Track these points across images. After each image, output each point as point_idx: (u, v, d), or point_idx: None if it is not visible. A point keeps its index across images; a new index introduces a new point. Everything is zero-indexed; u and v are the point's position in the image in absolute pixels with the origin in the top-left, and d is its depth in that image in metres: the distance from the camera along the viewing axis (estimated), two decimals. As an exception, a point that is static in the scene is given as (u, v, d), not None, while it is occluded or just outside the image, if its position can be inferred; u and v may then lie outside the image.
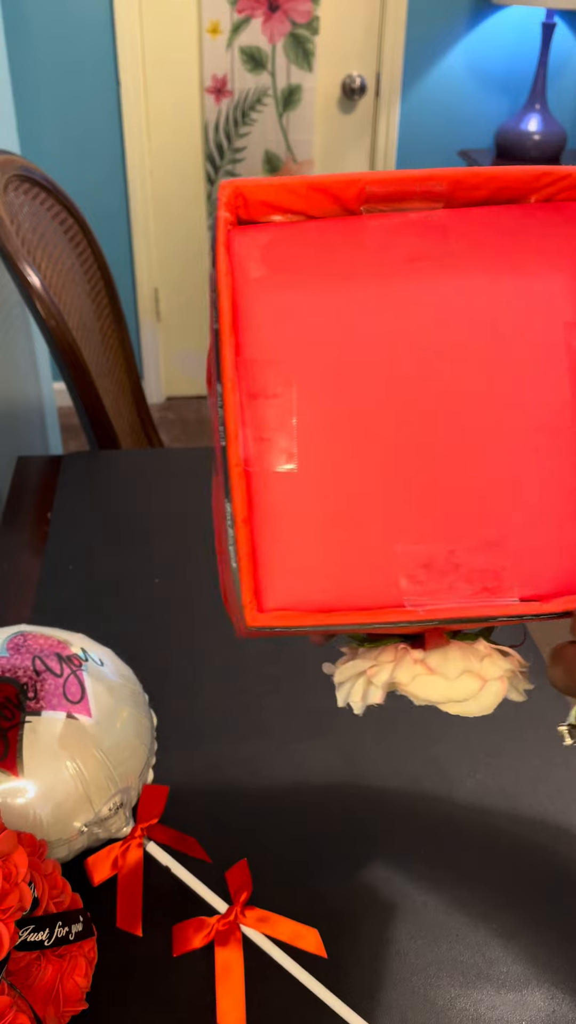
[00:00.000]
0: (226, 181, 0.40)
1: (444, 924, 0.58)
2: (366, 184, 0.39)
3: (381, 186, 0.40)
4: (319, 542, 0.39)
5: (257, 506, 0.39)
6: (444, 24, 2.46)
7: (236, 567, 0.37)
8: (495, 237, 0.40)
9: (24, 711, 0.56)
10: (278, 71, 2.46)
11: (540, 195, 0.41)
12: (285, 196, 0.40)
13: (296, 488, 0.39)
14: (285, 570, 0.38)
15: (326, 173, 0.40)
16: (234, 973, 0.53)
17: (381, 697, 0.41)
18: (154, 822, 0.59)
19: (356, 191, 0.40)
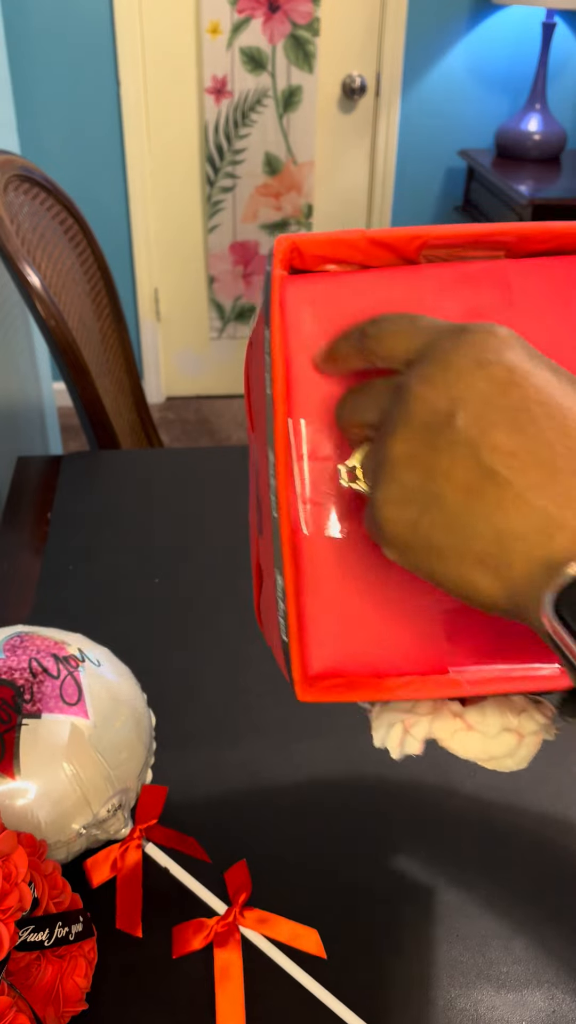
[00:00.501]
0: (282, 236, 0.38)
1: (444, 924, 0.58)
2: (429, 239, 0.38)
3: (443, 240, 0.38)
4: (365, 605, 0.39)
5: (304, 571, 0.38)
6: (444, 24, 2.46)
7: (287, 641, 0.37)
8: (558, 291, 0.39)
9: (21, 713, 0.56)
10: (278, 72, 2.46)
11: None
12: (344, 250, 0.39)
13: (343, 552, 0.38)
14: (332, 635, 0.38)
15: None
16: (234, 974, 0.53)
17: (419, 749, 0.41)
18: (153, 823, 0.59)
19: (417, 245, 0.38)
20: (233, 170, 2.58)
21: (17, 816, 0.54)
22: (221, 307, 2.79)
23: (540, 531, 0.27)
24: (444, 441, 0.29)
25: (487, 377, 0.29)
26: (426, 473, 0.30)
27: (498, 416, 0.28)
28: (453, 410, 0.29)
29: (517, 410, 0.28)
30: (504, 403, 0.28)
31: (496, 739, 0.41)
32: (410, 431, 0.30)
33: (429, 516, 0.30)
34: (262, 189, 2.62)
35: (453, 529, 0.29)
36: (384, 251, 0.39)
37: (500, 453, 0.28)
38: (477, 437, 0.29)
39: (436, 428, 0.30)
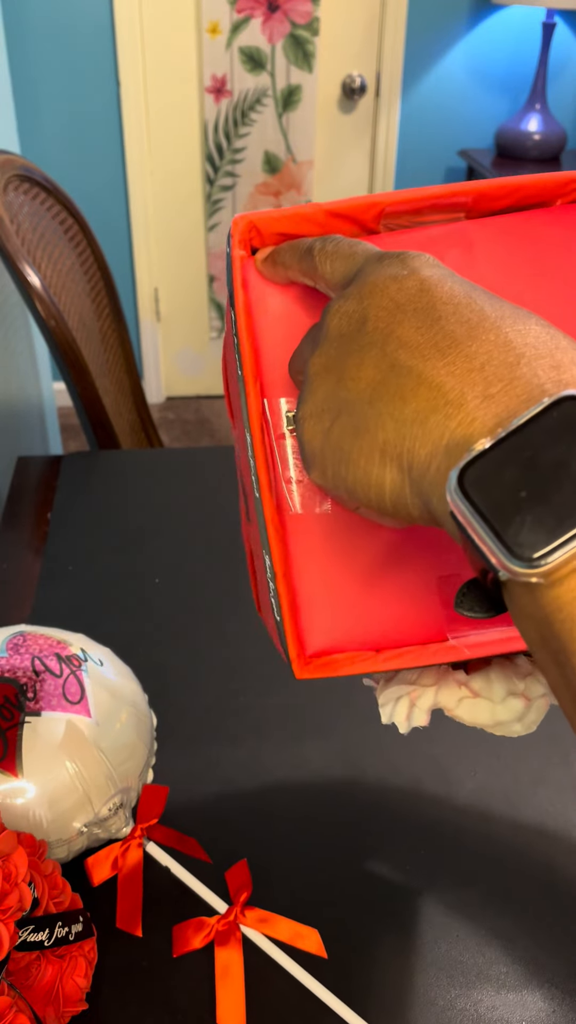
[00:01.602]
0: (239, 216, 0.38)
1: (444, 924, 0.58)
2: (386, 206, 0.38)
3: (402, 206, 0.38)
4: (358, 580, 0.38)
5: (293, 550, 0.38)
6: (444, 24, 2.46)
7: (280, 620, 0.37)
8: (521, 247, 0.39)
9: (23, 711, 0.56)
10: (278, 71, 2.46)
11: (567, 199, 0.40)
12: (303, 225, 0.38)
13: (332, 527, 0.38)
14: (327, 612, 0.38)
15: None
16: (234, 973, 0.53)
17: (426, 720, 0.41)
18: (154, 822, 0.59)
19: (376, 212, 0.38)
20: (233, 169, 2.58)
21: (19, 814, 0.54)
22: (221, 307, 2.79)
23: (439, 411, 0.26)
24: (355, 345, 0.30)
25: (399, 288, 0.29)
26: (338, 379, 0.30)
27: (406, 316, 0.29)
28: (364, 316, 0.30)
29: (426, 310, 0.28)
30: (413, 307, 0.29)
31: (503, 704, 0.40)
32: (327, 344, 0.31)
33: (339, 422, 0.30)
34: (262, 188, 2.62)
35: (359, 429, 0.29)
36: (344, 222, 0.38)
37: (405, 346, 0.28)
38: (385, 336, 0.29)
39: (348, 336, 0.30)
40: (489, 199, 0.39)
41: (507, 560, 0.24)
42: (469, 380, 0.26)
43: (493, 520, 0.24)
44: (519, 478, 0.24)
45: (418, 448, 0.27)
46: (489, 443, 0.24)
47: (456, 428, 0.26)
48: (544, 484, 0.24)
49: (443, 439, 0.26)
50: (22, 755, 0.55)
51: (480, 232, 0.39)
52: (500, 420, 0.25)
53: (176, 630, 0.82)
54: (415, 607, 0.38)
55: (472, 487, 0.24)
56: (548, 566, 0.23)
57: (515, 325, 0.27)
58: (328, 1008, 0.52)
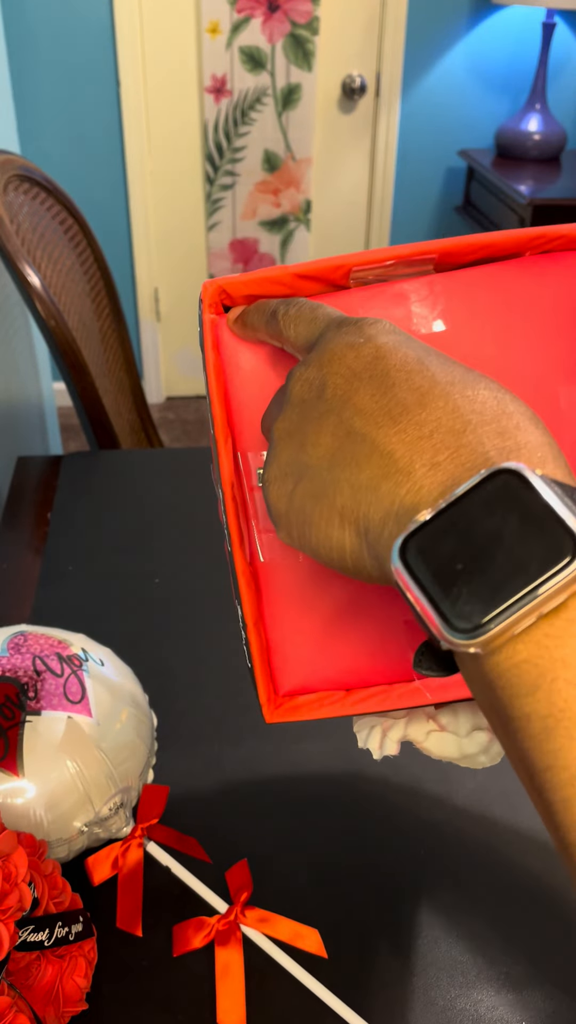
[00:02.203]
0: (208, 281, 0.39)
1: (444, 924, 0.58)
2: (353, 266, 0.38)
3: (368, 266, 0.38)
4: (327, 624, 0.39)
5: (265, 598, 0.39)
6: (444, 24, 2.46)
7: (251, 667, 0.38)
8: (488, 298, 0.39)
9: (24, 711, 0.56)
10: (278, 71, 2.46)
11: (535, 251, 0.40)
12: (271, 287, 0.39)
13: (302, 575, 0.39)
14: (297, 655, 0.39)
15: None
16: (234, 973, 0.53)
17: (397, 750, 0.42)
18: (154, 822, 0.59)
19: (343, 272, 0.39)
20: (233, 168, 2.58)
21: (19, 813, 0.54)
22: (221, 307, 2.79)
23: (390, 478, 0.27)
24: (315, 412, 0.31)
25: (356, 355, 0.30)
26: (299, 445, 0.31)
27: (362, 384, 0.29)
28: (323, 383, 0.31)
29: (381, 377, 0.29)
30: (369, 374, 0.30)
31: (469, 738, 0.42)
32: (289, 409, 0.32)
33: (301, 486, 0.31)
34: (261, 186, 2.62)
35: (319, 494, 0.30)
36: (312, 283, 0.39)
37: (361, 413, 0.29)
38: (342, 403, 0.30)
39: (309, 402, 0.31)
40: (457, 256, 0.39)
41: (445, 631, 0.24)
42: (418, 448, 0.27)
43: (432, 591, 0.25)
44: (457, 549, 0.24)
45: (372, 513, 0.28)
46: (430, 514, 0.25)
47: (405, 496, 0.27)
48: (480, 556, 0.24)
49: (394, 506, 0.27)
50: (23, 754, 0.55)
51: (448, 285, 0.39)
52: (444, 489, 0.26)
53: (176, 630, 0.82)
54: (382, 649, 0.39)
55: (413, 557, 0.25)
56: (483, 637, 0.24)
57: (464, 391, 0.28)
58: (328, 1008, 0.52)
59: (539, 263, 0.40)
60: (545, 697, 0.23)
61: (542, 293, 0.39)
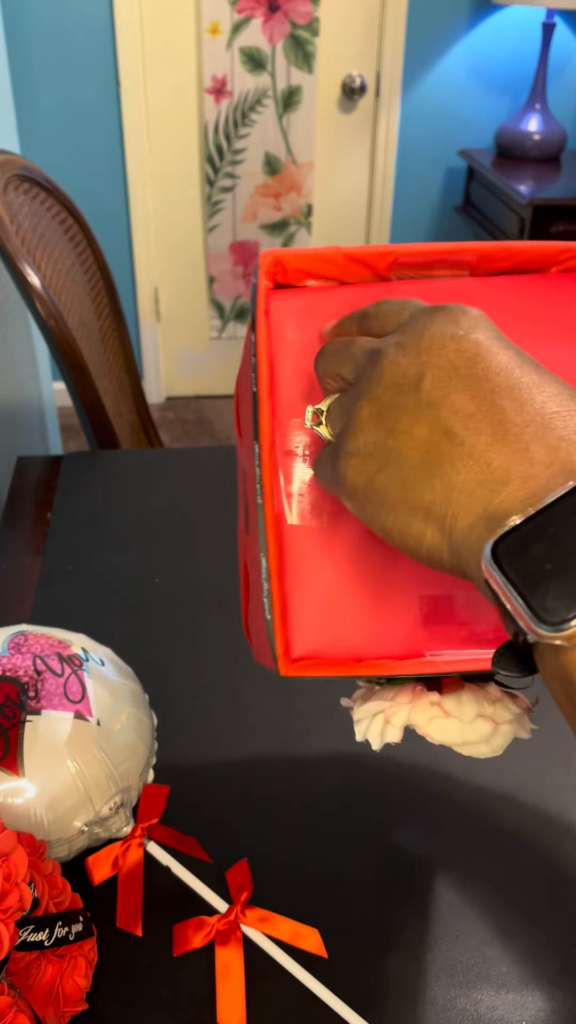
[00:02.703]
0: (267, 251, 0.42)
1: (444, 924, 0.58)
2: (399, 256, 0.42)
3: (413, 257, 0.42)
4: (346, 592, 0.40)
5: (288, 559, 0.40)
6: (444, 24, 2.46)
7: (270, 619, 0.40)
8: (518, 305, 0.42)
9: (25, 710, 0.56)
10: (278, 72, 2.46)
11: (561, 267, 0.44)
12: (322, 265, 0.42)
13: (325, 542, 0.40)
14: (313, 620, 0.40)
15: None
16: (234, 973, 0.53)
17: (399, 736, 0.43)
18: (154, 822, 0.59)
19: (389, 261, 0.42)
20: (233, 170, 2.58)
21: (20, 812, 0.54)
22: (221, 307, 2.79)
23: (485, 486, 0.29)
24: (410, 402, 0.32)
25: (456, 349, 0.31)
26: (389, 431, 0.32)
27: (461, 383, 0.31)
28: (422, 374, 0.32)
29: (480, 379, 0.31)
30: (468, 372, 0.31)
31: (471, 725, 0.43)
32: (380, 390, 0.33)
33: (387, 471, 0.32)
34: (262, 189, 2.62)
35: (407, 484, 0.31)
36: (359, 266, 0.42)
37: (459, 414, 0.30)
38: (440, 399, 0.31)
39: (404, 390, 0.32)
40: (492, 260, 0.43)
41: (534, 624, 0.27)
42: (515, 461, 0.29)
43: (523, 588, 0.27)
44: (545, 551, 0.27)
45: (462, 516, 0.30)
46: (520, 519, 0.27)
47: (498, 504, 0.29)
48: (567, 557, 0.27)
49: (485, 512, 0.29)
50: (23, 754, 0.55)
51: (481, 288, 0.43)
52: (534, 496, 0.28)
53: (176, 630, 0.82)
54: (397, 622, 0.40)
55: (504, 558, 0.27)
56: (570, 630, 0.26)
57: (561, 403, 0.30)
58: (328, 1008, 0.52)
59: (562, 280, 0.44)
60: None
61: (564, 311, 0.43)
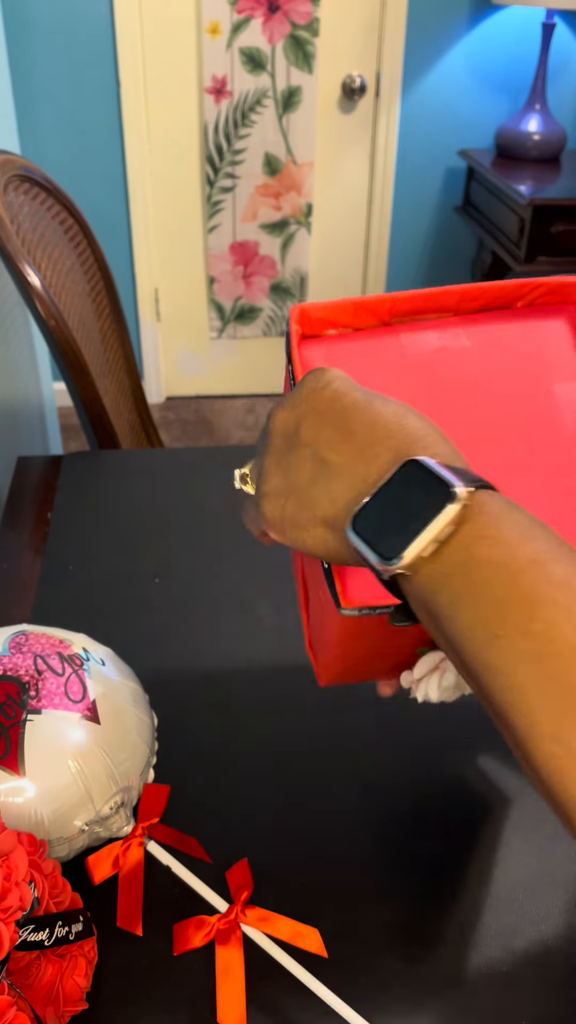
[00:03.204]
0: (295, 305, 0.53)
1: (444, 924, 0.58)
2: (395, 302, 0.53)
3: (406, 303, 0.53)
4: None
5: None
6: (444, 24, 2.46)
7: (328, 567, 0.48)
8: (492, 331, 0.54)
9: (26, 709, 0.56)
10: (278, 72, 2.46)
11: (524, 301, 0.55)
12: (338, 314, 0.53)
13: None
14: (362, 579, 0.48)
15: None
16: (234, 972, 0.53)
17: (455, 681, 0.51)
18: (155, 821, 0.59)
19: (388, 307, 0.53)
20: (233, 170, 2.58)
21: (21, 811, 0.54)
22: (221, 307, 2.79)
23: (351, 488, 0.39)
24: (294, 444, 0.42)
25: (319, 398, 0.42)
26: (285, 471, 0.42)
27: (326, 421, 0.41)
28: (299, 421, 0.42)
29: (338, 415, 0.41)
30: (330, 412, 0.41)
31: None
32: (274, 442, 0.43)
33: (291, 500, 0.42)
34: (262, 189, 2.62)
35: (304, 505, 0.41)
36: (367, 313, 0.54)
37: (327, 444, 0.41)
38: (313, 437, 0.41)
39: (288, 436, 0.43)
40: (468, 300, 0.54)
41: (380, 562, 0.36)
42: (367, 464, 0.39)
43: (372, 542, 0.37)
44: (384, 514, 0.37)
45: (340, 515, 0.40)
46: (367, 499, 0.38)
47: (356, 496, 0.39)
48: (398, 514, 0.37)
49: (349, 505, 0.39)
50: (24, 753, 0.55)
51: (465, 322, 0.54)
52: (376, 483, 0.38)
53: (176, 630, 0.82)
54: None
55: (360, 528, 0.38)
56: (405, 560, 0.36)
57: (394, 418, 0.40)
58: (328, 1007, 0.52)
59: (527, 312, 0.55)
60: (451, 589, 0.35)
61: (527, 345, 0.54)
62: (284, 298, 2.80)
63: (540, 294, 0.55)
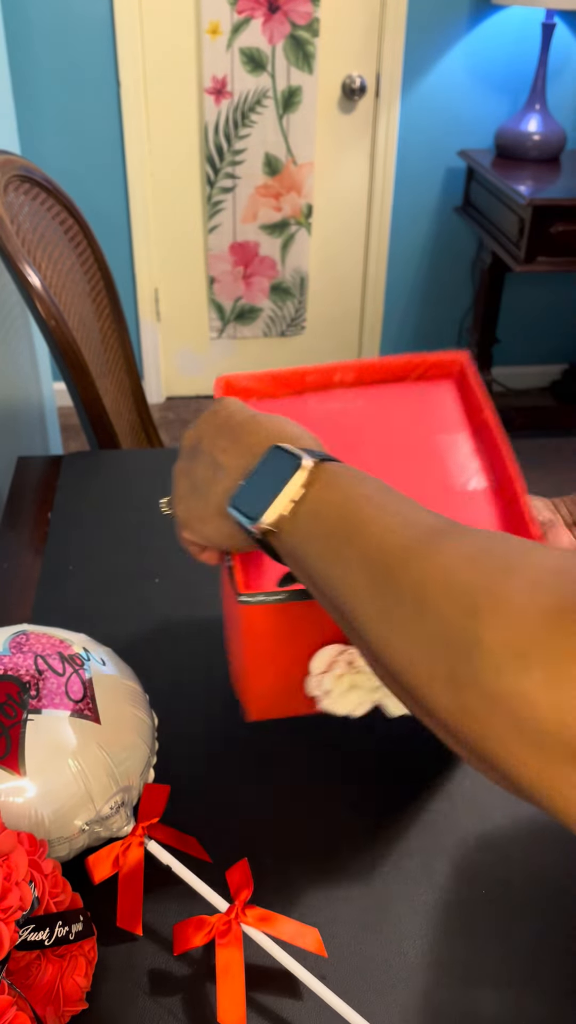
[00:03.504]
0: (220, 376, 0.64)
1: (444, 924, 0.58)
2: (305, 374, 0.65)
3: (315, 375, 0.65)
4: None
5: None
6: (444, 24, 2.46)
7: (231, 566, 0.57)
8: (386, 394, 0.65)
9: (26, 709, 0.56)
10: (278, 72, 2.46)
11: (414, 375, 0.66)
12: (256, 383, 0.65)
13: None
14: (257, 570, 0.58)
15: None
16: (234, 972, 0.53)
17: (352, 682, 0.59)
18: (155, 821, 0.59)
19: (300, 378, 0.65)
20: (233, 170, 2.58)
21: (21, 811, 0.54)
22: (221, 307, 2.79)
23: (235, 480, 0.49)
24: (196, 454, 0.52)
25: (216, 417, 0.52)
26: (189, 478, 0.53)
27: (221, 432, 0.51)
28: (200, 436, 0.52)
29: (231, 428, 0.51)
30: (225, 426, 0.51)
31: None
32: (183, 456, 0.54)
33: (195, 501, 0.52)
34: (262, 190, 2.62)
35: (204, 502, 0.51)
36: (282, 384, 0.65)
37: (221, 450, 0.50)
38: (210, 447, 0.51)
39: (192, 449, 0.53)
40: (368, 373, 0.66)
41: (252, 524, 0.46)
42: (249, 458, 0.49)
43: (245, 512, 0.47)
44: (255, 489, 0.47)
45: (227, 501, 0.49)
46: (243, 482, 0.48)
47: (239, 483, 0.48)
48: (264, 488, 0.46)
49: (235, 492, 0.48)
50: (24, 753, 0.55)
51: (363, 390, 0.66)
52: (249, 470, 0.48)
53: (176, 630, 0.82)
54: None
55: (238, 504, 0.47)
56: (269, 519, 0.45)
57: (276, 428, 0.50)
58: (328, 1007, 0.52)
59: (417, 384, 0.66)
60: (305, 532, 0.44)
61: (417, 404, 0.65)
62: (284, 299, 2.80)
63: (427, 367, 0.66)
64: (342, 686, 0.58)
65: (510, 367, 2.98)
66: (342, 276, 2.81)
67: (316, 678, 0.59)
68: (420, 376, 0.66)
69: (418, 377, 0.66)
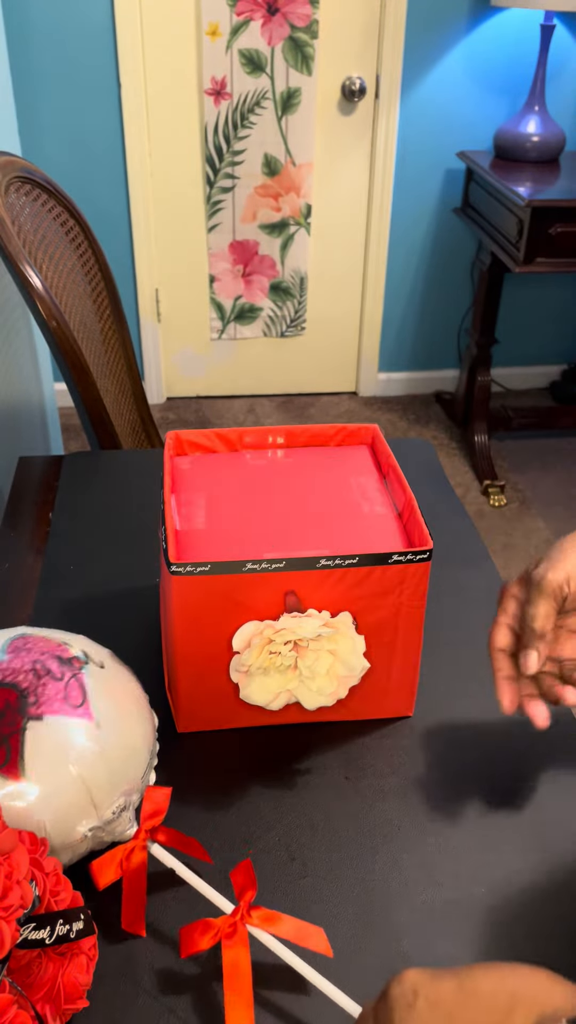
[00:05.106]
0: (171, 432, 0.78)
1: (446, 923, 0.58)
2: (243, 434, 0.80)
3: (252, 435, 0.80)
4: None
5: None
6: (443, 26, 2.46)
7: (165, 547, 0.65)
8: (311, 452, 0.80)
9: (26, 716, 0.56)
10: (277, 74, 2.46)
11: (335, 440, 0.81)
12: (202, 439, 0.80)
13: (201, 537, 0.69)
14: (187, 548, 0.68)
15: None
16: (242, 973, 0.52)
17: (268, 663, 0.65)
18: (158, 823, 0.59)
19: (238, 437, 0.80)
20: (232, 171, 2.58)
21: (23, 819, 0.54)
22: (221, 307, 2.80)
23: None
24: None
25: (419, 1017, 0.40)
26: None
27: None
28: None
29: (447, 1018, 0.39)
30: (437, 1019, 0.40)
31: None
32: None
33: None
34: (261, 190, 2.62)
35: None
36: (222, 442, 0.80)
37: None
38: None
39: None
40: (296, 437, 0.81)
41: None
42: None
43: None
44: None
45: None
46: None
47: None
48: None
49: None
50: (25, 760, 0.55)
51: (291, 453, 0.80)
52: None
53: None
54: None
55: None
56: None
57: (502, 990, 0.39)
58: (335, 1006, 0.52)
59: (339, 449, 0.81)
60: None
61: (336, 459, 0.79)
62: (284, 299, 2.80)
63: (346, 435, 0.81)
64: (260, 662, 0.64)
65: (509, 367, 2.98)
66: (342, 277, 2.81)
67: (237, 658, 0.65)
68: (339, 442, 0.81)
69: (338, 443, 0.81)
